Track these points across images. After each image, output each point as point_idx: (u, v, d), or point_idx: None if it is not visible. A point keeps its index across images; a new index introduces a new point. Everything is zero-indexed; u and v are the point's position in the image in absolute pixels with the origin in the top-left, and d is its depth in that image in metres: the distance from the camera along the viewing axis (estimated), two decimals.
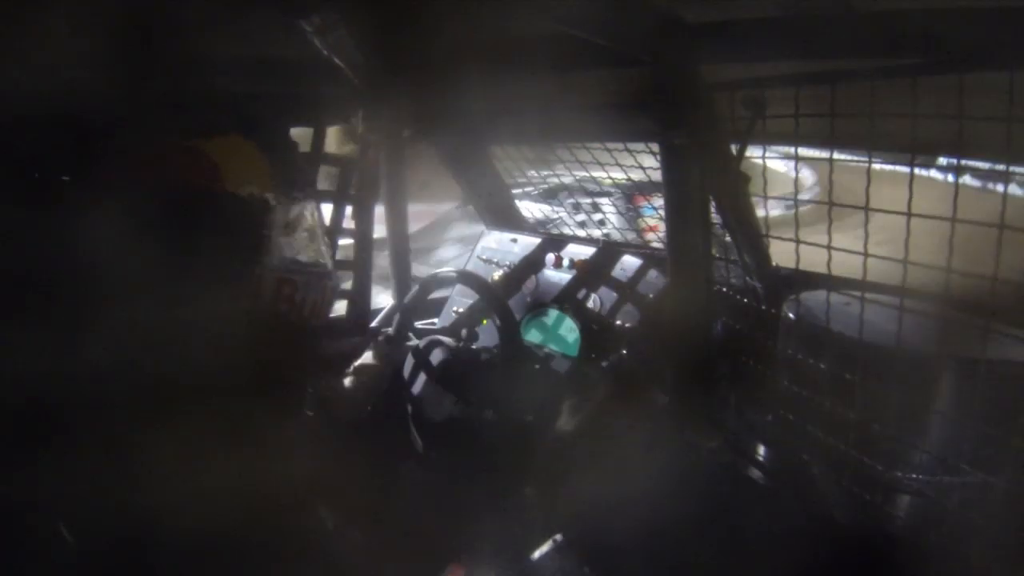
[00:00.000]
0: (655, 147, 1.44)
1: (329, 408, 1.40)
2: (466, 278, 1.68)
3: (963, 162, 1.00)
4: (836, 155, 1.09)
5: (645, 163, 1.59)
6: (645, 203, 1.95)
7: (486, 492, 1.42)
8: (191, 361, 0.92)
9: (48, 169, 0.98)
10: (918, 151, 0.99)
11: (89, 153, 0.99)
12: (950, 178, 1.02)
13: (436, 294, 2.00)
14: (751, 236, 1.46)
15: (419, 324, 1.98)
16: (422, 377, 1.66)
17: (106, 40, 0.97)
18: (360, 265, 1.91)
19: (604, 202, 2.02)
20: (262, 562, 0.93)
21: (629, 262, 1.78)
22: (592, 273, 1.82)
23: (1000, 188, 0.90)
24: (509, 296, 1.88)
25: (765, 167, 1.26)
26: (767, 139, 1.22)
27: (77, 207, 0.95)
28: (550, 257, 1.94)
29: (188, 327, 0.95)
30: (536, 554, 1.22)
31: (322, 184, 1.74)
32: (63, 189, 0.98)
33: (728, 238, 1.47)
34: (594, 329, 1.69)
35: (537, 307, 1.83)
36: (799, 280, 1.38)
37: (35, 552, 0.83)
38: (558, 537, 1.25)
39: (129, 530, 0.85)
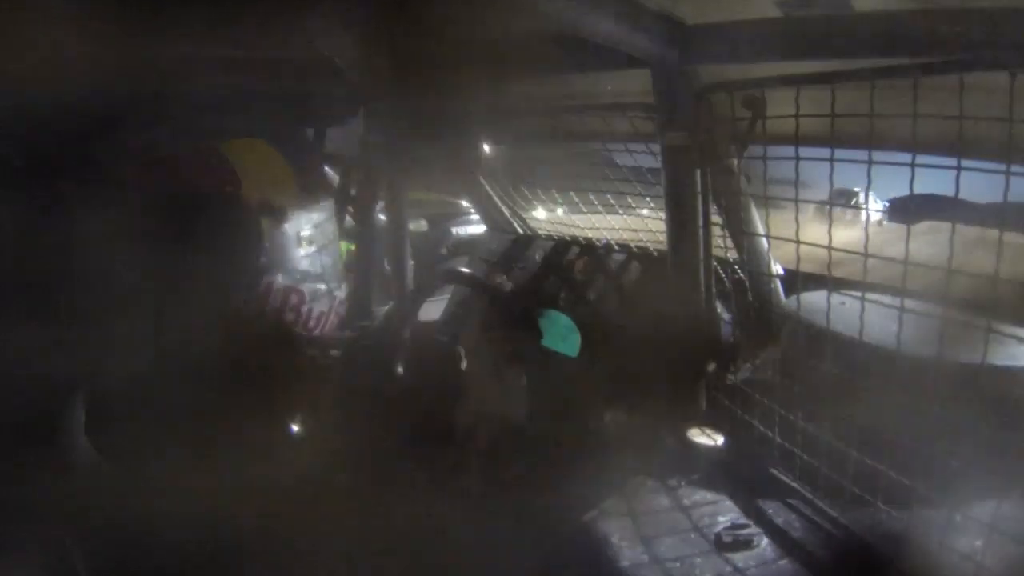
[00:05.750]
0: (655, 147, 1.44)
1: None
2: (460, 277, 1.68)
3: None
4: None
5: (645, 163, 1.59)
6: (645, 203, 1.95)
7: (480, 491, 1.41)
8: (192, 362, 0.92)
9: (60, 171, 0.98)
10: (918, 151, 0.99)
11: (105, 155, 0.99)
12: None
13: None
14: (751, 236, 1.46)
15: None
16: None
17: (113, 41, 0.97)
18: (361, 266, 1.91)
19: (604, 203, 2.02)
20: (258, 561, 0.93)
21: (629, 262, 1.78)
22: (592, 273, 1.82)
23: None
24: (508, 295, 1.88)
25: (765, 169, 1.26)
26: (767, 139, 1.22)
27: (90, 209, 0.94)
28: (551, 257, 1.94)
29: (192, 328, 0.95)
30: (534, 555, 1.22)
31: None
32: (76, 191, 0.98)
33: (728, 238, 1.47)
34: (594, 329, 1.69)
35: (537, 307, 1.82)
36: (799, 280, 1.37)
37: (35, 551, 0.83)
38: (556, 536, 1.24)
39: (129, 529, 0.85)
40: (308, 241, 1.13)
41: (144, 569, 0.87)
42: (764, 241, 1.45)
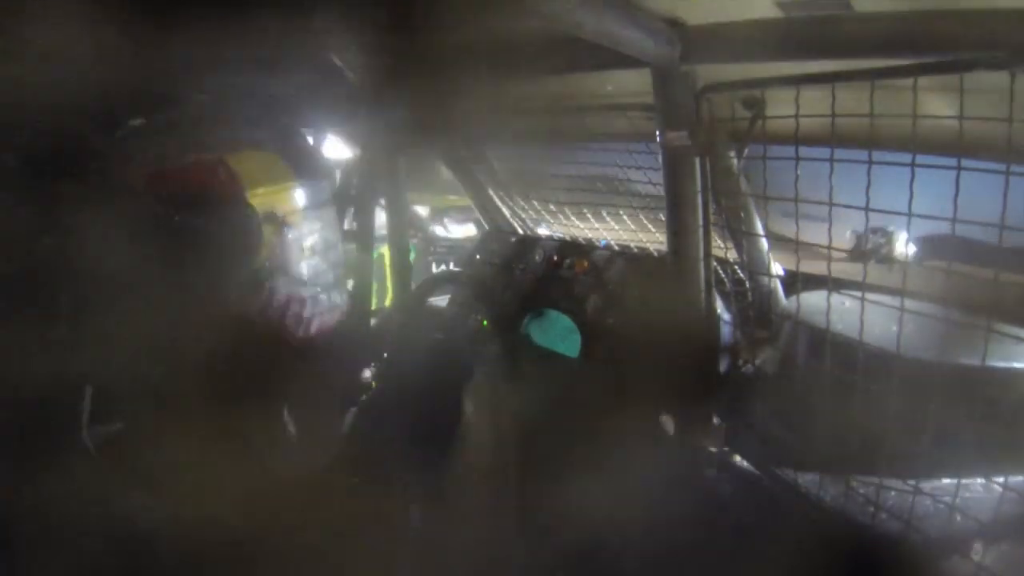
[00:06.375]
0: (655, 147, 1.44)
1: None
2: (460, 279, 1.68)
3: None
4: None
5: (645, 163, 1.59)
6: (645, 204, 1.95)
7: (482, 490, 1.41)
8: (191, 368, 0.93)
9: (64, 175, 0.98)
10: (918, 151, 0.99)
11: (107, 159, 1.00)
12: None
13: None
14: (751, 236, 1.46)
15: None
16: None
17: (119, 44, 0.98)
18: (361, 268, 1.91)
19: (604, 203, 2.02)
20: (257, 563, 0.93)
21: (630, 263, 1.78)
22: (592, 274, 1.81)
23: None
24: (508, 296, 1.88)
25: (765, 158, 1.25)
26: (767, 139, 1.22)
27: (91, 214, 0.95)
28: (551, 257, 1.94)
29: (192, 335, 0.95)
30: (535, 554, 1.22)
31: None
32: (75, 195, 0.98)
33: (728, 238, 1.47)
34: (594, 330, 1.69)
35: (537, 308, 1.83)
36: (799, 280, 1.37)
37: (33, 553, 0.83)
38: (558, 537, 1.25)
39: (126, 530, 0.85)
40: (311, 249, 1.14)
41: (142, 568, 0.87)
42: (764, 241, 1.45)
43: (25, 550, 0.83)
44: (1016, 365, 1.10)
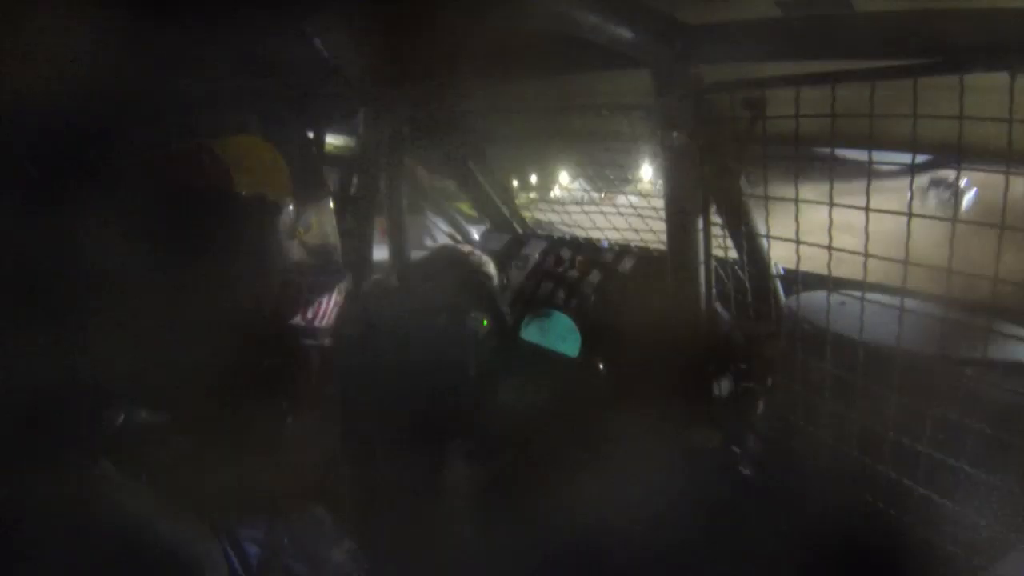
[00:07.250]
0: (655, 147, 1.44)
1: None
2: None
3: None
4: None
5: (645, 163, 1.59)
6: (646, 203, 1.95)
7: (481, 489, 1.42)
8: (192, 359, 0.93)
9: (57, 168, 0.98)
10: (918, 151, 0.99)
11: (99, 152, 1.00)
12: None
13: None
14: (751, 236, 1.46)
15: None
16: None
17: (113, 39, 0.98)
18: (359, 264, 1.91)
19: (605, 203, 2.02)
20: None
21: (630, 263, 1.78)
22: (592, 274, 1.82)
23: None
24: (508, 296, 1.88)
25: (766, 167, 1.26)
26: (767, 139, 1.22)
27: (86, 206, 0.95)
28: (551, 257, 1.94)
29: (190, 326, 0.95)
30: (535, 556, 1.22)
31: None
32: (72, 188, 0.98)
33: (728, 238, 1.47)
34: (594, 330, 1.69)
35: (537, 307, 1.83)
36: (799, 280, 1.37)
37: (37, 551, 0.83)
38: (557, 538, 1.25)
39: (132, 526, 0.85)
40: (306, 234, 1.15)
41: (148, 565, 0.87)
42: (764, 241, 1.45)
43: (29, 550, 0.83)
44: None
